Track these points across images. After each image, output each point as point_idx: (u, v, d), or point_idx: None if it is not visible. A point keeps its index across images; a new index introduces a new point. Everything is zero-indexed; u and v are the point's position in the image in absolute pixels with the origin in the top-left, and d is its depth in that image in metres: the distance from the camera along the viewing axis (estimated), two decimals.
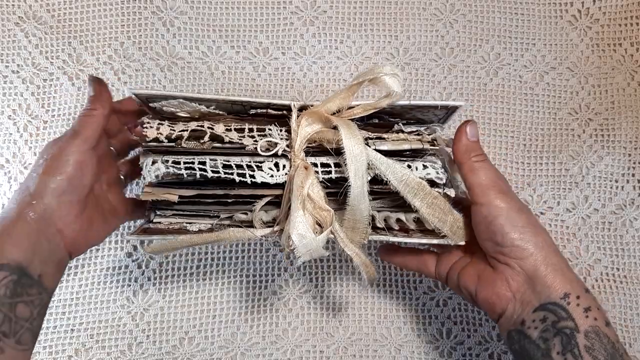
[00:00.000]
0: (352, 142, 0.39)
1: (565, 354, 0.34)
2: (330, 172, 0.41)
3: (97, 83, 0.44)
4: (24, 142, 0.60)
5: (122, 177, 0.49)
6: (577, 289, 0.36)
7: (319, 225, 0.41)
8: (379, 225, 0.43)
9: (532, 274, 0.37)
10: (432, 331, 0.57)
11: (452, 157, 0.43)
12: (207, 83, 0.61)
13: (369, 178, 0.40)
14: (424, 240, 0.42)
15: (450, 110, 0.43)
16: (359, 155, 0.39)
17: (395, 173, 0.40)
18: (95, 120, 0.43)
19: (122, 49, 0.61)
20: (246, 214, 0.44)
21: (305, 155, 0.42)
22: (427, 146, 0.41)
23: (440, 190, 0.41)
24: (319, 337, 0.57)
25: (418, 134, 0.42)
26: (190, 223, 0.45)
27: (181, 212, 0.45)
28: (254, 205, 0.43)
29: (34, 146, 0.60)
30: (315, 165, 0.42)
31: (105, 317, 0.58)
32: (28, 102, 0.61)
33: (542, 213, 0.59)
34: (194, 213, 0.45)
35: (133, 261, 0.58)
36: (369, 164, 0.39)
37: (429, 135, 0.42)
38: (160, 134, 0.41)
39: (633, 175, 0.59)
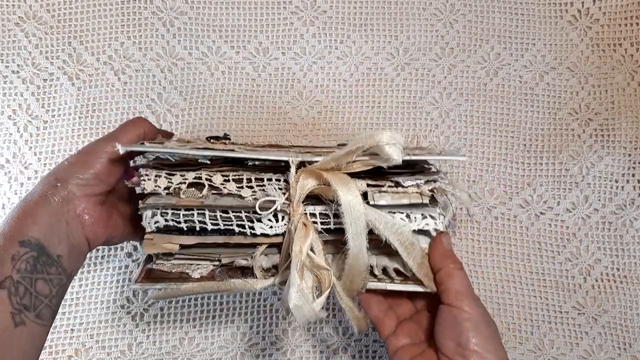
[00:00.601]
0: (351, 203, 0.39)
1: None
2: (329, 224, 0.42)
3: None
4: (24, 142, 0.60)
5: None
6: None
7: (318, 278, 0.42)
8: (376, 273, 0.44)
9: None
10: None
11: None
12: (207, 84, 0.61)
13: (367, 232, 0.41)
14: (407, 287, 0.43)
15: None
16: (358, 218, 0.40)
17: (394, 232, 0.41)
18: (136, 129, 0.46)
19: (122, 49, 0.61)
20: (247, 259, 0.44)
21: (304, 204, 0.42)
22: (426, 201, 0.42)
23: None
24: (319, 338, 0.57)
25: (417, 186, 0.42)
26: (191, 264, 0.46)
27: (182, 256, 0.46)
28: (254, 251, 0.44)
29: (34, 146, 0.60)
30: (313, 214, 0.42)
31: (105, 317, 0.58)
32: (28, 102, 0.61)
33: (542, 213, 0.59)
34: (195, 257, 0.46)
35: (133, 261, 0.58)
36: (367, 223, 0.40)
37: (429, 187, 0.42)
38: (158, 186, 0.42)
39: (633, 175, 0.59)
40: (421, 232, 0.43)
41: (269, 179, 0.42)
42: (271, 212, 0.41)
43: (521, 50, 0.61)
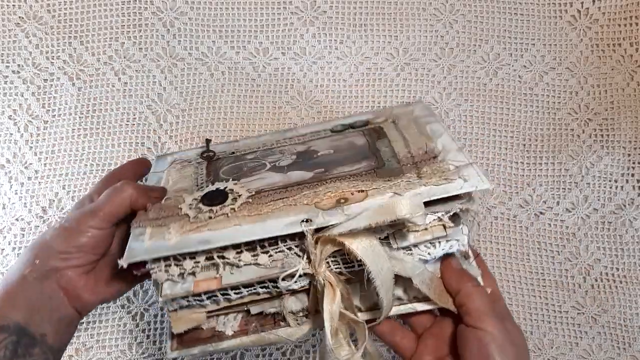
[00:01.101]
0: (378, 266, 0.38)
1: None
2: (353, 267, 0.41)
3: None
4: (24, 142, 0.60)
5: None
6: None
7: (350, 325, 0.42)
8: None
9: None
10: None
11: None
12: (207, 84, 0.61)
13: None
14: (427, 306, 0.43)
15: None
16: (387, 279, 0.39)
17: (418, 274, 0.41)
18: (123, 200, 0.42)
19: (123, 50, 0.61)
20: (275, 307, 0.43)
21: (325, 260, 0.41)
22: (450, 232, 0.41)
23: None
24: (318, 338, 0.57)
25: (439, 219, 0.41)
26: (219, 317, 0.44)
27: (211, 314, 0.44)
28: (282, 299, 0.42)
29: (35, 146, 0.60)
30: (336, 261, 0.41)
31: (105, 317, 0.58)
32: (28, 102, 0.61)
33: (541, 213, 0.59)
34: (223, 312, 0.44)
35: None
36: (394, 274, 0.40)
37: (449, 216, 0.41)
38: (172, 275, 0.39)
39: (632, 175, 0.59)
40: None
41: (283, 240, 0.40)
42: (295, 280, 0.40)
43: (521, 50, 0.61)
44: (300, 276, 0.40)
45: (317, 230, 0.39)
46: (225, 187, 0.44)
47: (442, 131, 0.47)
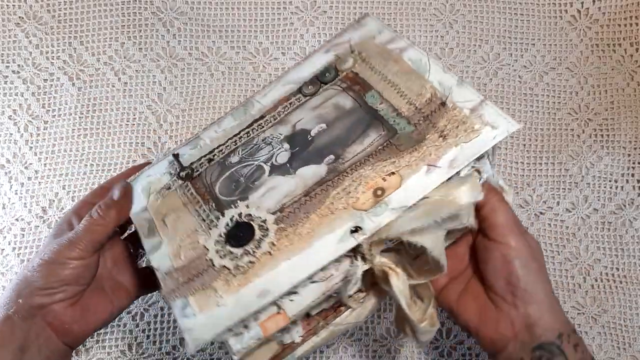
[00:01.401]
0: (434, 242, 0.37)
1: None
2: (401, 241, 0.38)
3: (124, 191, 0.43)
4: (24, 142, 0.60)
5: (130, 249, 0.46)
6: (567, 329, 0.39)
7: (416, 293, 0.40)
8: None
9: (535, 319, 0.39)
10: None
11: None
12: (207, 84, 0.61)
13: None
14: None
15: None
16: (440, 243, 0.38)
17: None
18: (105, 230, 0.41)
19: (123, 50, 0.61)
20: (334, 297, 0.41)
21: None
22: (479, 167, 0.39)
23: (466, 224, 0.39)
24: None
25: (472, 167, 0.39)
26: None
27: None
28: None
29: (35, 146, 0.60)
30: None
31: None
32: (29, 102, 0.61)
33: (541, 213, 0.59)
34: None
35: None
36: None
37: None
38: (243, 348, 0.36)
39: (632, 175, 0.59)
40: None
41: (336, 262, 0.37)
42: (355, 282, 0.38)
43: (521, 50, 0.61)
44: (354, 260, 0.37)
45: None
46: (243, 216, 0.39)
47: (424, 59, 0.43)
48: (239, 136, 0.45)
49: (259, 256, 0.37)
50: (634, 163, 0.59)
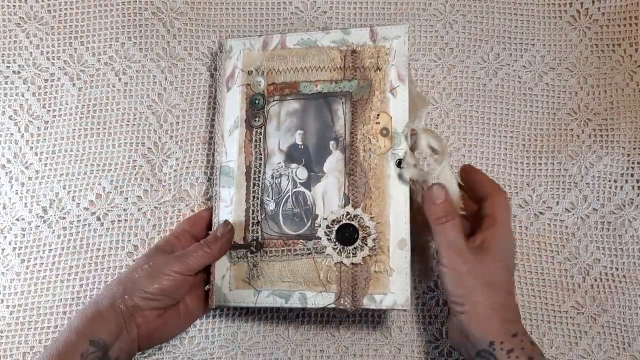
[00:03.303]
0: None
1: None
2: None
3: (228, 229, 0.50)
4: (25, 143, 0.60)
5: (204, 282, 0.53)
6: (502, 337, 0.43)
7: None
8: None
9: (465, 327, 0.45)
10: (432, 331, 0.57)
11: None
12: (208, 84, 0.61)
13: None
14: None
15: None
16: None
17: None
18: (207, 259, 0.49)
19: (123, 50, 0.62)
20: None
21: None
22: None
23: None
24: (320, 337, 0.58)
25: None
26: None
27: None
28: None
29: (35, 146, 0.60)
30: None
31: None
32: (29, 103, 0.61)
33: (541, 213, 0.59)
34: None
35: (133, 261, 0.59)
36: None
37: None
38: None
39: (632, 175, 0.59)
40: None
41: None
42: None
43: (520, 50, 0.61)
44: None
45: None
46: (345, 219, 0.48)
47: (304, 36, 0.52)
48: (252, 194, 0.51)
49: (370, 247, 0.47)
50: (633, 163, 0.59)
